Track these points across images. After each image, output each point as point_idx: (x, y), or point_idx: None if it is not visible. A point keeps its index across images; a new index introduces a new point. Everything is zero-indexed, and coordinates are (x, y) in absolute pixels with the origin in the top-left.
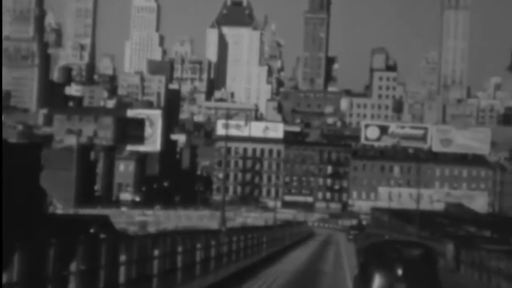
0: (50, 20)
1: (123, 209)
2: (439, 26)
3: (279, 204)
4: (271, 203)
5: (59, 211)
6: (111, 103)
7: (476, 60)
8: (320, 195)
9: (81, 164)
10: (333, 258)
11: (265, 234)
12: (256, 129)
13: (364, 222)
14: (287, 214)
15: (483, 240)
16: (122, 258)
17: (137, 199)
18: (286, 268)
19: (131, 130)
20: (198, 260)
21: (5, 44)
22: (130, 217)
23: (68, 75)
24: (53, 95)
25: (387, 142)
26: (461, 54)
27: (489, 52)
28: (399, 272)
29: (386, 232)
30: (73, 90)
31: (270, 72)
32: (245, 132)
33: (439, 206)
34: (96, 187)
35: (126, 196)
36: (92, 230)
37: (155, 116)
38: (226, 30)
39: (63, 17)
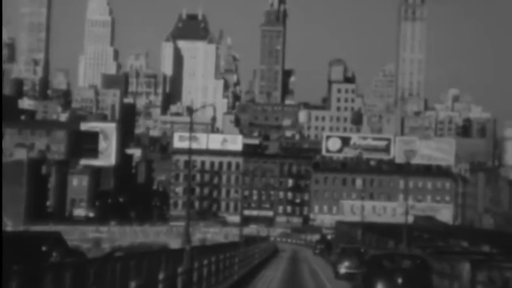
0: (3, 35)
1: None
2: (395, 38)
3: (238, 218)
4: (230, 218)
5: (9, 228)
6: (64, 117)
7: (433, 72)
8: (280, 209)
9: (32, 178)
10: (311, 279)
11: (236, 253)
12: (214, 141)
13: (329, 237)
14: (250, 229)
15: (488, 257)
16: None
17: (91, 215)
18: None
19: (85, 143)
20: None
21: None
22: (83, 233)
23: (19, 88)
24: (5, 109)
25: (349, 153)
26: (418, 66)
27: (446, 64)
28: (399, 280)
29: (362, 247)
30: (26, 104)
31: (226, 86)
32: (202, 145)
33: (408, 219)
34: (48, 203)
35: (79, 211)
36: (44, 248)
37: (110, 129)
38: (181, 43)
39: (16, 31)
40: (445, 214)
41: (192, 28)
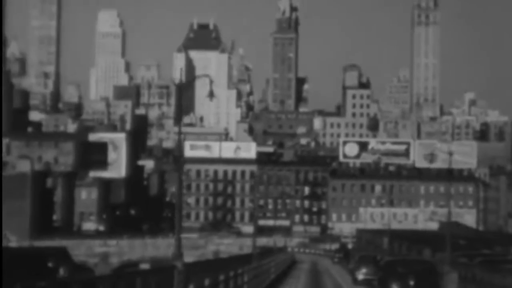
0: (13, 49)
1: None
2: (409, 43)
3: (252, 229)
4: (244, 228)
5: (13, 244)
6: (72, 128)
7: (447, 77)
8: (297, 218)
9: (37, 192)
10: None
11: (246, 270)
12: (227, 149)
13: (349, 246)
14: (267, 240)
15: None
16: None
17: (101, 228)
18: None
19: (93, 155)
20: None
21: None
22: (90, 248)
23: (25, 99)
24: (14, 121)
25: (367, 159)
26: (432, 71)
27: (460, 68)
28: (411, 282)
29: (379, 255)
30: (36, 118)
31: (239, 95)
32: (215, 154)
33: (432, 226)
34: (55, 217)
35: (89, 225)
36: (50, 264)
37: (119, 140)
38: (193, 54)
39: (26, 45)
40: (469, 219)
41: (203, 38)
